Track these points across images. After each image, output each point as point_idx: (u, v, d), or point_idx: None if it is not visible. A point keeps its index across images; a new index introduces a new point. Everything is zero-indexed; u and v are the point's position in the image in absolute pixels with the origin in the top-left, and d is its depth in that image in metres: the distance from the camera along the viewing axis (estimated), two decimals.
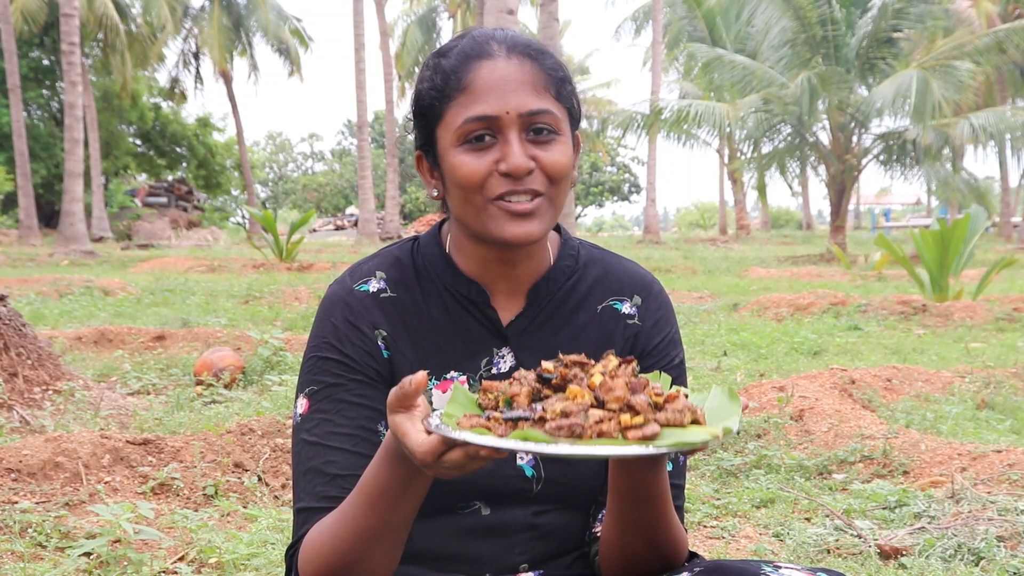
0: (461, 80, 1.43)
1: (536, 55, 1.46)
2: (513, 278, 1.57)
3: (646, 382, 1.23)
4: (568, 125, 1.49)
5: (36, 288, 12.60)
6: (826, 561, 3.18)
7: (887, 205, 68.53)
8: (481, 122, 1.41)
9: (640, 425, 1.16)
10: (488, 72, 1.43)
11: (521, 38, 1.48)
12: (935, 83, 19.88)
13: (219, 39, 38.61)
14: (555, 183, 1.45)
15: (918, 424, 5.09)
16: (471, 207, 1.45)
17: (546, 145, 1.43)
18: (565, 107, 1.48)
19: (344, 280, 1.57)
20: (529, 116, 1.42)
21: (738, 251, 27.52)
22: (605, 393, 1.20)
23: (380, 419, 1.50)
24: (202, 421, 5.00)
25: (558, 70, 1.47)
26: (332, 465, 1.47)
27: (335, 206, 62.92)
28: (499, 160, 1.42)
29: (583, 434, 1.15)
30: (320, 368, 1.51)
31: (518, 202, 1.43)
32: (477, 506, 1.56)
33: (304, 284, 13.78)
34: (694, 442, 1.15)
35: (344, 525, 1.38)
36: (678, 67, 39.23)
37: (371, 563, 1.39)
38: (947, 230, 10.94)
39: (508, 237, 1.44)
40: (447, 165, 1.46)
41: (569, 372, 1.26)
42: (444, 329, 1.56)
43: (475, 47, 1.45)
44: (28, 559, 3.04)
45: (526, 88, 1.43)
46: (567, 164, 1.45)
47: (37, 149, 34.18)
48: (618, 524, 1.48)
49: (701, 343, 8.36)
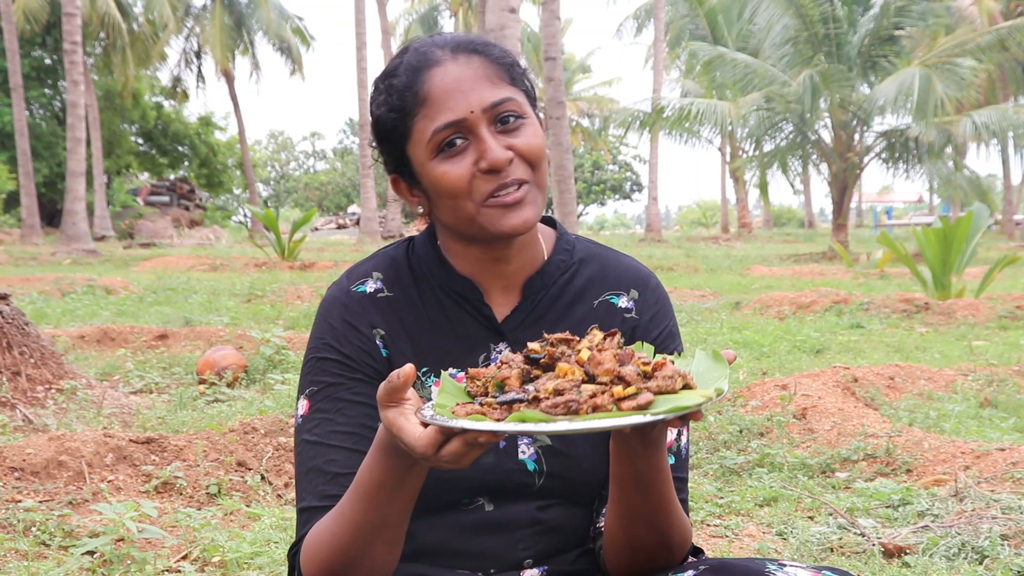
0: (418, 94, 1.43)
1: (480, 48, 1.47)
2: (507, 274, 1.57)
3: (632, 353, 1.24)
4: (530, 106, 1.50)
5: (39, 287, 12.61)
6: (830, 559, 3.18)
7: (889, 203, 68.49)
8: (450, 128, 1.42)
9: (633, 395, 1.16)
10: (441, 78, 1.43)
11: (461, 36, 1.48)
12: (937, 81, 19.86)
13: (221, 38, 38.60)
14: (535, 166, 1.46)
15: (921, 422, 5.08)
16: (463, 213, 1.46)
17: (516, 132, 1.45)
18: (522, 90, 1.49)
19: (341, 282, 1.58)
20: (493, 108, 1.43)
21: (740, 249, 27.51)
22: (595, 367, 1.21)
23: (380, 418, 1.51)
24: (205, 420, 5.00)
25: (505, 56, 1.48)
26: (333, 464, 1.47)
27: (337, 205, 62.93)
28: (478, 159, 1.43)
29: (579, 409, 1.15)
30: (319, 368, 1.52)
31: (507, 194, 1.44)
32: (480, 502, 1.56)
33: (306, 283, 13.79)
34: (689, 406, 1.16)
35: (342, 522, 1.39)
36: (680, 65, 39.21)
37: (371, 559, 1.40)
38: (949, 228, 10.93)
39: (506, 230, 1.45)
40: (428, 179, 1.47)
41: (556, 350, 1.26)
42: (441, 327, 1.56)
43: (420, 58, 1.45)
44: (32, 558, 3.04)
45: (482, 82, 1.43)
46: (541, 145, 1.47)
47: (39, 148, 34.19)
48: (622, 514, 1.48)
49: (703, 341, 8.36)
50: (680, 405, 1.16)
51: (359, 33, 29.90)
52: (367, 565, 1.40)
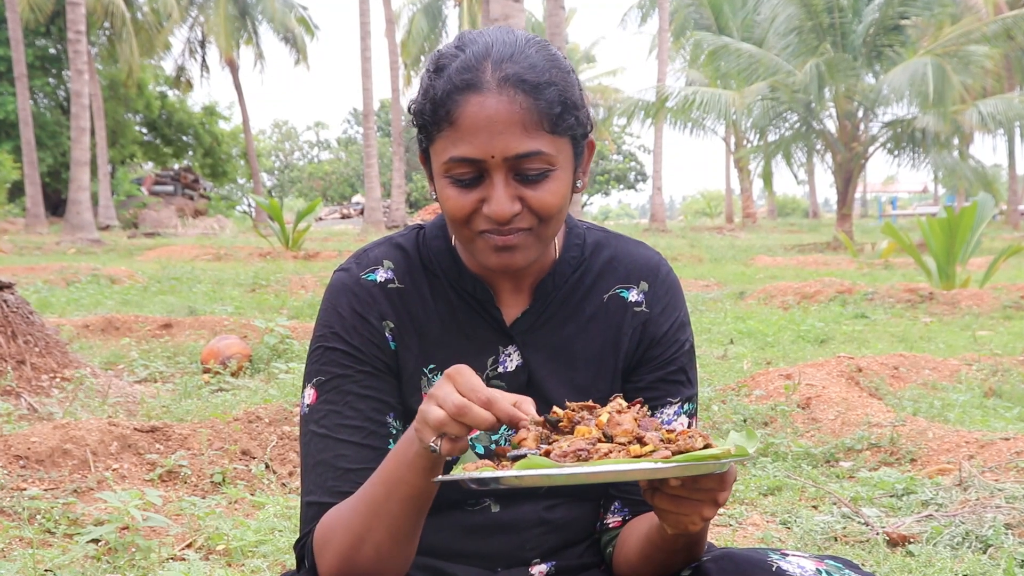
0: (450, 113, 1.36)
1: (531, 90, 1.36)
2: (518, 277, 1.55)
3: (656, 422, 1.22)
4: (570, 152, 1.42)
5: (43, 276, 12.62)
6: (833, 548, 3.18)
7: (894, 193, 68.30)
8: (466, 163, 1.37)
9: (650, 452, 1.15)
10: (476, 110, 1.35)
11: (520, 62, 1.37)
12: (951, 69, 19.79)
13: (225, 27, 38.54)
14: (544, 220, 1.41)
15: (925, 412, 5.08)
16: (459, 234, 1.45)
17: (536, 185, 1.39)
18: (566, 136, 1.40)
19: (351, 268, 1.55)
20: (516, 160, 1.36)
21: (744, 239, 27.47)
22: (613, 428, 1.19)
23: (388, 410, 1.50)
24: (209, 409, 5.01)
25: (554, 105, 1.37)
26: (343, 459, 1.46)
27: (341, 195, 62.88)
28: (484, 199, 1.39)
29: (589, 458, 1.14)
30: (327, 358, 1.50)
31: (501, 235, 1.40)
32: (487, 503, 1.55)
33: (310, 272, 13.79)
34: (705, 457, 1.14)
35: (360, 511, 1.38)
36: (684, 55, 39.04)
37: (386, 550, 1.38)
38: (954, 218, 10.90)
39: (491, 266, 1.43)
40: (437, 187, 1.44)
41: (576, 415, 1.25)
42: (449, 326, 1.54)
43: (465, 76, 1.36)
44: (37, 545, 3.05)
45: (514, 129, 1.35)
46: (557, 203, 1.40)
47: (44, 138, 34.16)
48: (651, 562, 1.49)
49: (708, 331, 8.36)
50: (696, 456, 1.14)
51: (363, 22, 29.85)
52: (382, 554, 1.38)
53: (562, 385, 1.55)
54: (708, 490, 1.26)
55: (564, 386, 1.55)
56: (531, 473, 1.13)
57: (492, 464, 1.19)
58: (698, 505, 1.27)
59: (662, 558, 1.46)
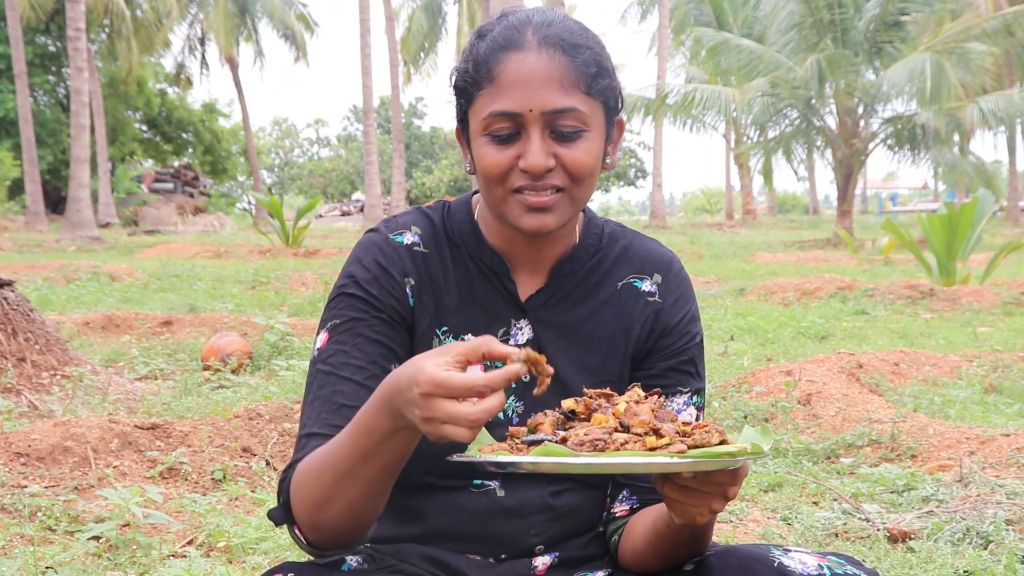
0: (491, 70, 1.44)
1: (569, 49, 1.44)
2: (537, 258, 1.59)
3: (673, 414, 1.22)
4: (602, 118, 1.49)
5: (43, 274, 12.63)
6: (834, 545, 3.18)
7: (894, 189, 68.25)
8: (504, 117, 1.43)
9: (666, 445, 1.15)
10: (517, 66, 1.42)
11: (558, 27, 1.46)
12: (949, 67, 19.77)
13: (225, 25, 38.52)
14: (576, 181, 1.46)
15: (926, 408, 5.08)
16: (492, 195, 1.48)
17: (570, 143, 1.44)
18: (599, 100, 1.47)
19: (380, 229, 1.60)
20: (553, 115, 1.42)
21: (744, 236, 27.46)
22: (630, 418, 1.20)
23: (395, 359, 1.52)
24: (210, 406, 5.01)
25: (590, 66, 1.45)
26: (340, 395, 1.48)
27: (341, 192, 62.86)
28: (520, 155, 1.44)
29: (605, 448, 1.14)
30: (344, 303, 1.53)
31: (535, 194, 1.45)
32: (492, 487, 1.56)
33: (310, 269, 13.79)
34: (721, 454, 1.14)
35: (331, 459, 1.37)
36: (684, 51, 39.00)
37: (351, 504, 1.38)
38: (954, 214, 10.90)
39: (523, 227, 1.47)
40: (474, 150, 1.49)
41: (593, 403, 1.25)
42: (465, 294, 1.58)
43: (509, 36, 1.45)
44: (37, 543, 3.05)
45: (552, 85, 1.42)
46: (590, 163, 1.46)
47: (43, 135, 34.14)
48: (656, 553, 1.50)
49: (708, 328, 8.35)
50: (712, 452, 1.14)
51: (363, 19, 29.85)
52: (346, 509, 1.38)
53: (571, 364, 1.58)
54: (719, 484, 1.27)
55: (573, 365, 1.58)
56: (549, 460, 1.13)
57: (508, 448, 1.19)
58: (708, 497, 1.28)
59: (668, 549, 1.48)
